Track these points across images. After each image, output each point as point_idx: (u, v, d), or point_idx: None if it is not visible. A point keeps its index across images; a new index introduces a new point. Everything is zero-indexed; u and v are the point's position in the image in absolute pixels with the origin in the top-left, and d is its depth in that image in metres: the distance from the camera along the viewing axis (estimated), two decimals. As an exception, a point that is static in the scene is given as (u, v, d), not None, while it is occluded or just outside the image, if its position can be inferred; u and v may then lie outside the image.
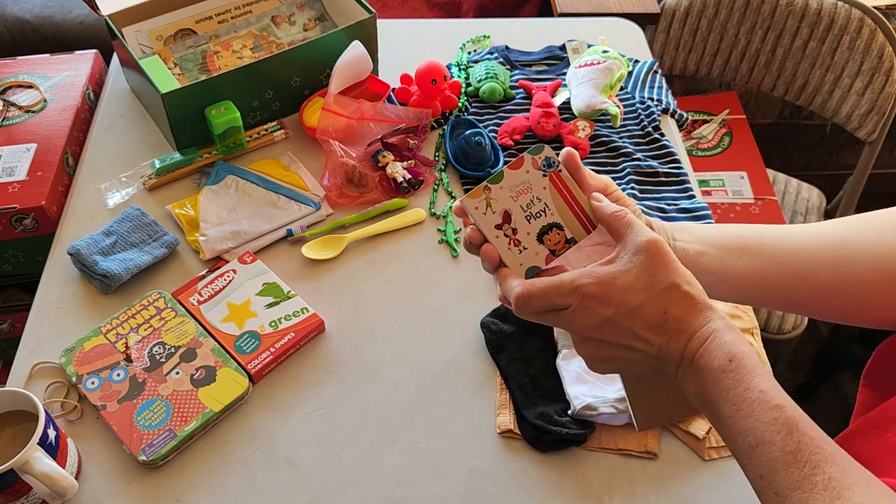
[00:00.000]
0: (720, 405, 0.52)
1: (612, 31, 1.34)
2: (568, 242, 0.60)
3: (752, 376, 0.52)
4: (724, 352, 0.52)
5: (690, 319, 0.54)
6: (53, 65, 1.22)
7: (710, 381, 0.53)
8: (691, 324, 0.54)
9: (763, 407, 0.50)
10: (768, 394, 0.51)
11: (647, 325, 0.54)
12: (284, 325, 0.88)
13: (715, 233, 0.65)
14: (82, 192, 1.05)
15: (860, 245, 0.61)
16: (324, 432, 0.82)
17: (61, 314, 0.91)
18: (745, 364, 0.52)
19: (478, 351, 0.88)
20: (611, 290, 0.54)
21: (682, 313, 0.54)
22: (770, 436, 0.49)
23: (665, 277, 0.54)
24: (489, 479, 0.78)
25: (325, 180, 1.04)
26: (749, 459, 0.51)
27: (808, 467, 0.48)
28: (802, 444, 0.48)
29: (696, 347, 0.53)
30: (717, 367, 0.52)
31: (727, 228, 0.65)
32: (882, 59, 1.39)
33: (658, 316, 0.54)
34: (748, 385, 0.51)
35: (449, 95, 1.14)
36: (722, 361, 0.52)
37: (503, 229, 0.60)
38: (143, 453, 0.77)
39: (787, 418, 0.50)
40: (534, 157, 0.60)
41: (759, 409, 0.50)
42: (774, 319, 1.41)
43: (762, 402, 0.50)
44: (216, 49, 1.18)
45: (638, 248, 0.55)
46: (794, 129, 1.97)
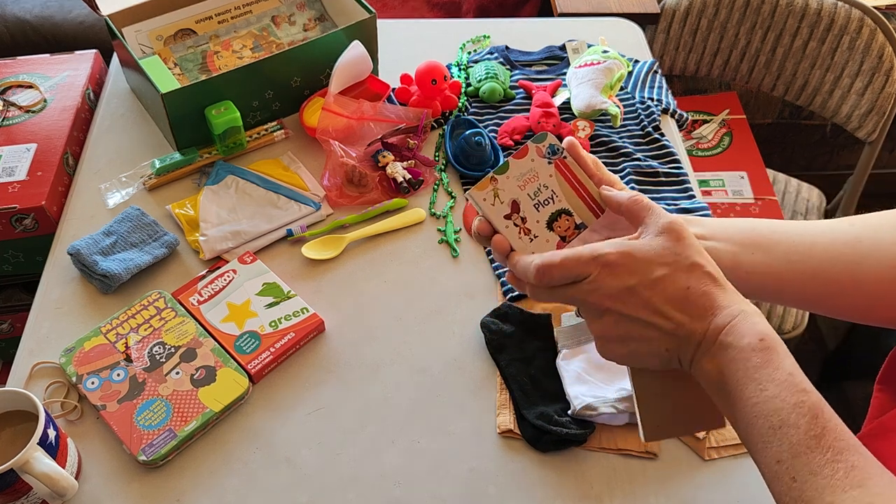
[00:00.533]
0: (744, 384, 0.51)
1: (612, 31, 1.34)
2: (577, 228, 0.60)
3: (782, 358, 0.50)
4: (755, 330, 0.51)
5: (716, 296, 0.53)
6: (53, 65, 1.22)
7: (738, 358, 0.51)
8: (717, 301, 0.53)
9: (791, 389, 0.49)
10: (796, 377, 0.50)
11: (669, 298, 0.53)
12: (284, 325, 0.88)
13: (728, 227, 0.64)
14: (82, 192, 1.05)
15: (875, 243, 0.60)
16: (324, 432, 0.82)
17: (61, 314, 0.91)
18: (775, 345, 0.51)
19: (478, 351, 0.88)
20: (634, 260, 0.53)
21: (707, 290, 0.53)
22: (795, 419, 0.48)
23: (689, 256, 0.53)
24: (489, 479, 0.78)
25: (325, 180, 1.04)
26: (768, 442, 0.49)
27: (832, 453, 0.47)
28: (827, 430, 0.48)
29: (724, 324, 0.52)
30: (747, 345, 0.51)
31: (740, 223, 0.65)
32: (882, 59, 1.39)
33: (681, 291, 0.53)
34: (777, 365, 0.50)
35: (449, 95, 1.14)
36: (752, 339, 0.51)
37: (512, 219, 0.60)
38: (143, 453, 0.77)
39: (812, 403, 0.49)
40: (538, 146, 0.60)
41: (787, 390, 0.49)
42: (774, 319, 1.41)
43: (790, 385, 0.49)
44: (216, 49, 1.18)
45: (661, 228, 0.54)
46: (794, 129, 1.97)
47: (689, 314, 0.53)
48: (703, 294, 0.53)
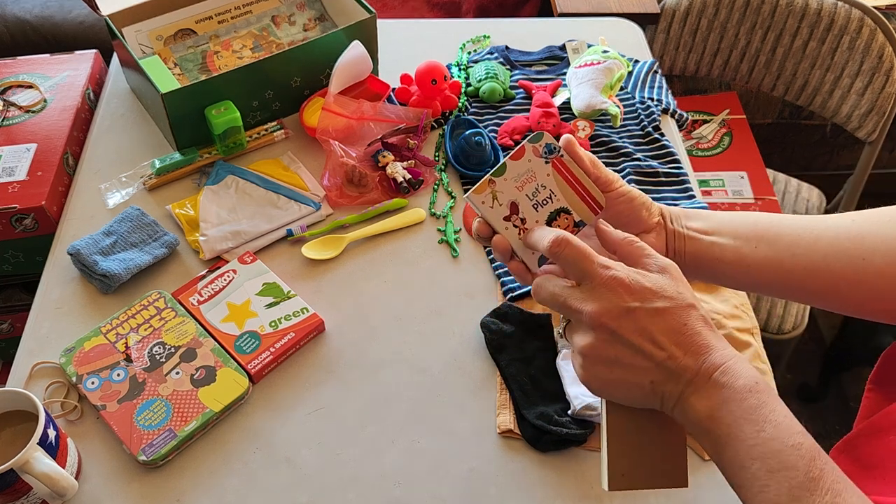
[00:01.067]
0: (740, 425, 0.50)
1: (612, 31, 1.34)
2: (577, 226, 0.60)
3: (777, 401, 0.50)
4: (751, 373, 0.51)
5: (709, 338, 0.53)
6: (53, 65, 1.22)
7: (733, 398, 0.50)
8: (710, 341, 0.52)
9: (788, 431, 0.49)
10: (791, 419, 0.50)
11: (665, 329, 0.52)
12: (284, 325, 0.88)
13: (730, 220, 0.64)
14: (82, 192, 1.05)
15: (879, 238, 0.60)
16: (324, 432, 0.82)
17: (61, 314, 0.91)
18: (769, 389, 0.51)
19: (478, 351, 0.88)
20: (640, 285, 0.53)
21: (701, 330, 0.53)
22: (794, 461, 0.47)
23: (687, 297, 0.53)
24: (489, 479, 0.78)
25: (325, 180, 1.04)
26: (765, 486, 0.48)
27: (830, 495, 0.46)
28: (825, 472, 0.47)
29: (719, 363, 0.51)
30: (742, 386, 0.50)
31: (743, 216, 0.65)
32: (882, 59, 1.39)
33: (678, 325, 0.52)
34: (773, 408, 0.50)
35: (449, 95, 1.14)
36: (748, 381, 0.50)
37: (512, 220, 0.59)
38: (143, 453, 0.77)
39: (809, 445, 0.48)
40: (534, 146, 0.59)
41: (785, 433, 0.48)
42: (774, 319, 1.41)
43: (787, 427, 0.49)
44: (216, 49, 1.18)
45: (661, 267, 0.54)
46: (794, 129, 1.97)
47: (683, 348, 0.52)
48: (697, 333, 0.52)
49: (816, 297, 0.64)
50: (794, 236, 0.63)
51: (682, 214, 0.65)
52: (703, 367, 0.51)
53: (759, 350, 0.88)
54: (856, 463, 0.58)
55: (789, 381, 1.85)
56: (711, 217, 0.64)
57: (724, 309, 0.91)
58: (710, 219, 0.64)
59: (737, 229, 0.63)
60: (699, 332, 0.52)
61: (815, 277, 0.62)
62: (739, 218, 0.64)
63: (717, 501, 0.76)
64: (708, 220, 0.64)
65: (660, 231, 0.63)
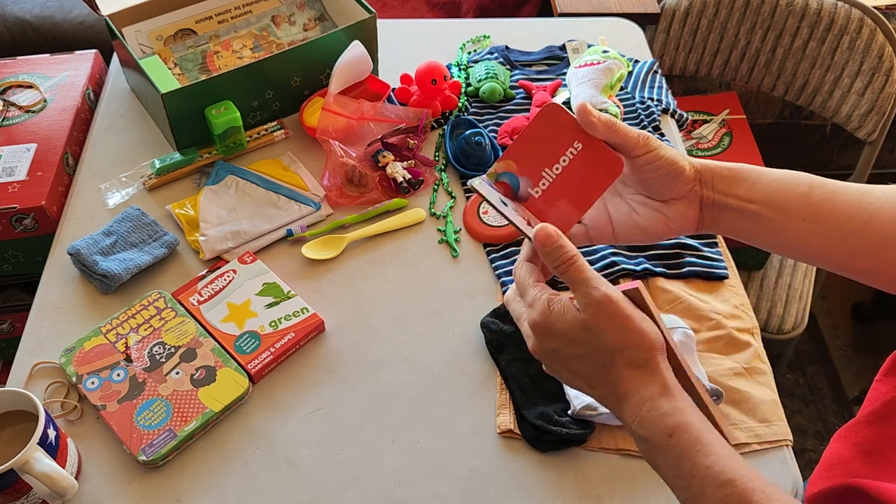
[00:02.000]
0: (669, 477, 0.52)
1: (612, 31, 1.34)
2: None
3: (696, 451, 0.50)
4: (663, 425, 0.51)
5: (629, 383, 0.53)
6: (53, 65, 1.22)
7: (655, 452, 0.52)
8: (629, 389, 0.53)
9: (712, 484, 0.49)
10: (714, 469, 0.49)
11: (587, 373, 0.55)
12: (284, 325, 0.88)
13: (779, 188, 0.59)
14: (82, 192, 1.05)
15: None
16: (324, 432, 0.82)
17: (61, 314, 0.91)
18: (688, 437, 0.50)
19: (478, 351, 0.88)
20: (554, 332, 0.54)
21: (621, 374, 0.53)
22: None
23: (607, 341, 0.53)
24: (489, 479, 0.78)
25: (325, 180, 1.04)
26: None
27: None
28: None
29: (634, 415, 0.53)
30: (658, 441, 0.51)
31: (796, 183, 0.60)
32: (882, 59, 1.39)
33: (598, 370, 0.54)
34: (693, 461, 0.50)
35: (449, 95, 1.14)
36: (661, 435, 0.51)
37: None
38: (143, 453, 0.77)
39: (739, 494, 0.48)
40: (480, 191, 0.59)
41: (710, 487, 0.49)
42: (774, 319, 1.41)
43: (711, 479, 0.49)
44: (216, 49, 1.18)
45: (585, 305, 0.53)
46: (794, 129, 1.97)
47: (606, 390, 0.54)
48: (619, 379, 0.53)
49: (859, 274, 0.61)
50: (846, 214, 0.58)
51: (725, 176, 0.60)
52: (624, 415, 0.54)
53: (759, 350, 0.88)
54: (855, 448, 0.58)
55: (789, 380, 1.85)
56: (759, 180, 0.59)
57: (724, 309, 0.91)
58: (756, 183, 0.59)
59: (785, 200, 0.59)
60: (620, 379, 0.53)
61: (860, 257, 0.59)
62: (791, 185, 0.59)
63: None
64: (754, 185, 0.59)
65: (692, 199, 0.60)
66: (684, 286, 0.94)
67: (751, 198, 0.59)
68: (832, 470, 0.56)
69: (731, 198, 0.59)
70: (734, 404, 0.83)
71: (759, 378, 0.85)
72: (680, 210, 0.60)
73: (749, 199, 0.59)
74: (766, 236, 0.60)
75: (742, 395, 0.83)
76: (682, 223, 0.60)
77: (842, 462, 0.56)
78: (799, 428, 1.74)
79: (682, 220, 0.60)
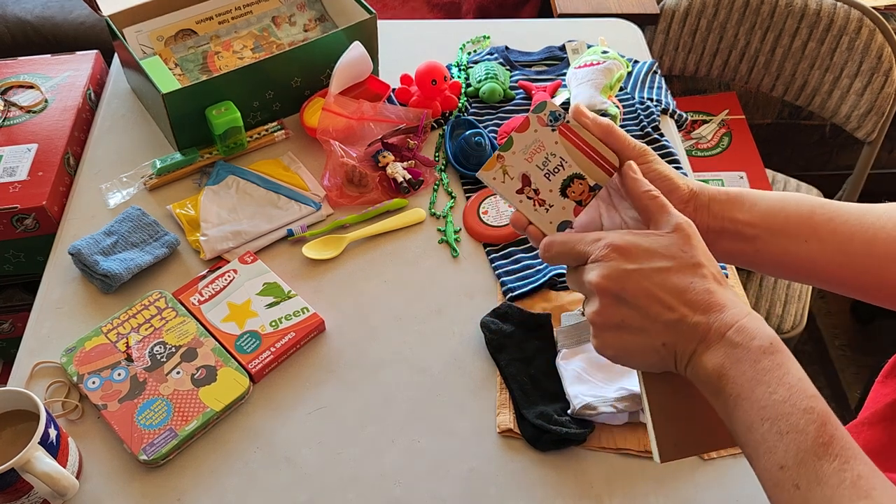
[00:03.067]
0: (752, 386, 0.48)
1: (611, 31, 1.34)
2: (592, 190, 0.59)
3: (792, 362, 0.49)
4: (766, 332, 0.49)
5: (720, 295, 0.51)
6: (54, 65, 1.22)
7: (747, 358, 0.49)
8: (721, 299, 0.51)
9: (801, 394, 0.47)
10: (805, 382, 0.48)
11: (670, 289, 0.51)
12: (285, 324, 0.88)
13: (781, 209, 0.59)
14: (83, 192, 1.05)
15: None
16: (324, 432, 0.82)
17: (62, 314, 0.92)
18: (784, 350, 0.49)
19: (478, 351, 0.89)
20: (638, 248, 0.52)
21: (710, 288, 0.51)
22: (805, 424, 0.46)
23: (694, 255, 0.52)
24: (489, 479, 0.78)
25: (325, 180, 1.05)
26: (773, 448, 0.47)
27: (839, 462, 0.45)
28: (835, 438, 0.46)
29: (732, 322, 0.50)
30: (757, 347, 0.49)
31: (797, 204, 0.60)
32: (881, 60, 1.39)
33: (684, 284, 0.51)
34: (787, 370, 0.48)
35: (449, 96, 1.14)
36: (762, 341, 0.49)
37: (525, 192, 0.59)
38: (143, 453, 0.77)
39: (822, 409, 0.47)
40: (539, 115, 0.58)
41: (797, 395, 0.47)
42: (774, 319, 1.41)
43: (800, 390, 0.48)
44: (217, 49, 1.19)
45: (672, 227, 0.53)
46: (793, 129, 1.98)
47: (691, 307, 0.51)
48: (706, 291, 0.51)
49: (863, 293, 0.61)
50: (848, 234, 0.59)
51: (723, 200, 0.59)
52: (715, 325, 0.50)
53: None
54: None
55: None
56: (759, 204, 0.59)
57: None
58: (756, 206, 0.59)
59: (787, 222, 0.59)
60: (709, 290, 0.51)
61: (864, 277, 0.59)
62: (792, 207, 0.59)
63: (717, 501, 0.77)
64: (754, 208, 0.59)
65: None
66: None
67: (751, 221, 0.59)
68: None
69: (730, 222, 0.59)
70: (733, 404, 0.83)
71: (758, 378, 0.85)
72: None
73: (749, 223, 0.59)
74: (766, 259, 0.60)
75: (741, 395, 0.83)
76: None
77: None
78: (798, 428, 1.74)
79: None
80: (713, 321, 0.50)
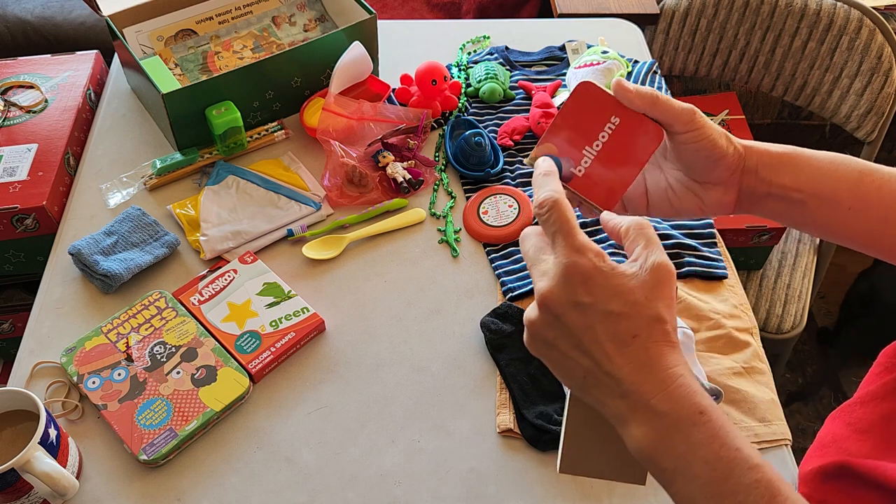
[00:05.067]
0: (690, 461, 0.46)
1: (611, 31, 1.35)
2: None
3: (727, 430, 0.46)
4: (693, 402, 0.46)
5: (659, 356, 0.47)
6: (54, 65, 1.22)
7: (677, 431, 0.46)
8: (659, 360, 0.47)
9: (743, 467, 0.45)
10: (745, 450, 0.45)
11: (612, 336, 0.47)
12: (285, 324, 0.88)
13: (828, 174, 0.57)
14: (83, 192, 1.05)
15: None
16: (324, 431, 0.82)
17: (62, 314, 0.92)
18: (717, 418, 0.46)
19: (478, 351, 0.89)
20: (601, 281, 0.48)
21: (652, 345, 0.47)
22: (754, 500, 0.44)
23: (655, 308, 0.48)
24: (489, 478, 0.78)
25: (325, 180, 1.05)
26: None
27: None
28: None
29: (658, 388, 0.47)
30: (687, 417, 0.46)
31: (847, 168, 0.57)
32: (881, 60, 1.39)
33: (628, 336, 0.47)
34: (723, 441, 0.45)
35: (449, 96, 1.14)
36: (691, 412, 0.46)
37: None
38: (143, 453, 0.77)
39: (768, 480, 0.45)
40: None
41: (739, 468, 0.45)
42: (774, 319, 1.41)
43: (741, 461, 0.45)
44: (217, 49, 1.19)
45: (648, 267, 0.48)
46: (793, 129, 1.98)
47: (624, 360, 0.47)
48: (645, 350, 0.47)
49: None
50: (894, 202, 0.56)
51: (772, 164, 0.57)
52: (642, 388, 0.47)
53: (759, 350, 0.88)
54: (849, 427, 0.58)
55: (789, 380, 1.85)
56: (807, 167, 0.56)
57: (724, 309, 0.92)
58: (804, 170, 0.56)
59: (835, 190, 0.56)
60: (648, 349, 0.47)
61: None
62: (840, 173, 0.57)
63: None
64: (802, 173, 0.56)
65: (730, 186, 0.57)
66: (684, 286, 0.94)
67: (798, 186, 0.56)
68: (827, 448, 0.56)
69: (777, 187, 0.57)
70: (733, 404, 0.83)
71: (758, 378, 0.86)
72: (716, 195, 0.57)
73: (796, 188, 0.56)
74: (810, 223, 0.58)
75: (741, 395, 0.83)
76: (716, 208, 0.58)
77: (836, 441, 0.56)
78: (798, 428, 1.74)
79: (717, 204, 0.58)
80: (642, 383, 0.47)
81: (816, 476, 0.53)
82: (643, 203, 0.61)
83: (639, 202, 0.61)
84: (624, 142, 0.57)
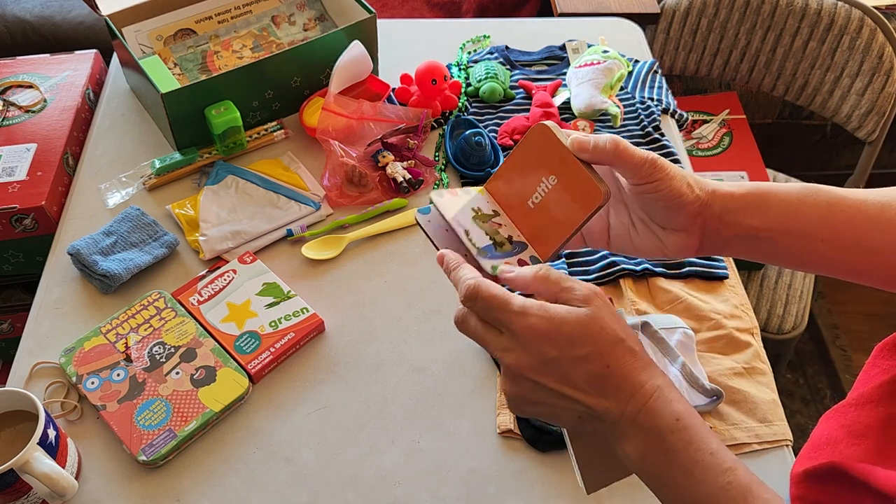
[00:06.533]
0: (667, 468, 0.49)
1: (612, 31, 1.34)
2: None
3: (703, 435, 0.49)
4: (670, 410, 0.49)
5: (633, 375, 0.50)
6: (53, 65, 1.22)
7: (657, 441, 0.49)
8: (634, 379, 0.50)
9: (716, 470, 0.47)
10: (720, 454, 0.48)
11: (587, 377, 0.50)
12: (284, 325, 0.88)
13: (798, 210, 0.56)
14: (82, 192, 1.05)
15: None
16: (324, 432, 0.82)
17: (61, 314, 0.91)
18: (693, 423, 0.49)
19: (478, 351, 0.88)
20: (559, 333, 0.50)
21: (625, 368, 0.50)
22: (726, 502, 0.47)
23: (613, 332, 0.50)
24: (489, 479, 0.78)
25: (325, 180, 1.04)
26: None
27: None
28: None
29: (639, 405, 0.50)
30: (665, 427, 0.49)
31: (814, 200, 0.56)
32: (882, 60, 1.39)
33: (601, 371, 0.50)
34: (699, 446, 0.48)
35: (449, 95, 1.14)
36: (668, 421, 0.49)
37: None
38: (143, 453, 0.77)
39: (740, 482, 0.47)
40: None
41: (713, 473, 0.47)
42: (774, 319, 1.41)
43: (715, 466, 0.48)
44: (216, 49, 1.18)
45: (584, 298, 0.51)
46: (794, 129, 1.98)
47: (605, 395, 0.50)
48: (621, 375, 0.50)
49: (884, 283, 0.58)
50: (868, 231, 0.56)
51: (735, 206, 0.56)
52: (626, 410, 0.50)
53: (759, 350, 0.88)
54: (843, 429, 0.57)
55: (789, 380, 1.85)
56: (775, 205, 0.56)
57: (724, 309, 0.91)
58: (772, 209, 0.56)
59: (806, 224, 0.56)
60: (622, 374, 0.50)
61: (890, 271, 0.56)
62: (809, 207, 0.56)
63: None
64: (769, 212, 0.56)
65: (692, 231, 0.57)
66: (684, 286, 0.94)
67: (766, 226, 0.56)
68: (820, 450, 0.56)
69: (744, 228, 0.57)
70: (734, 404, 0.83)
71: (759, 378, 0.85)
72: (677, 241, 0.58)
73: (764, 228, 0.56)
74: (783, 258, 0.58)
75: (742, 395, 0.83)
76: (678, 251, 0.59)
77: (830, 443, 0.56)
78: (799, 428, 1.74)
79: (678, 248, 0.58)
80: (624, 406, 0.50)
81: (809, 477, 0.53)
82: (604, 239, 0.62)
83: (600, 237, 0.62)
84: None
